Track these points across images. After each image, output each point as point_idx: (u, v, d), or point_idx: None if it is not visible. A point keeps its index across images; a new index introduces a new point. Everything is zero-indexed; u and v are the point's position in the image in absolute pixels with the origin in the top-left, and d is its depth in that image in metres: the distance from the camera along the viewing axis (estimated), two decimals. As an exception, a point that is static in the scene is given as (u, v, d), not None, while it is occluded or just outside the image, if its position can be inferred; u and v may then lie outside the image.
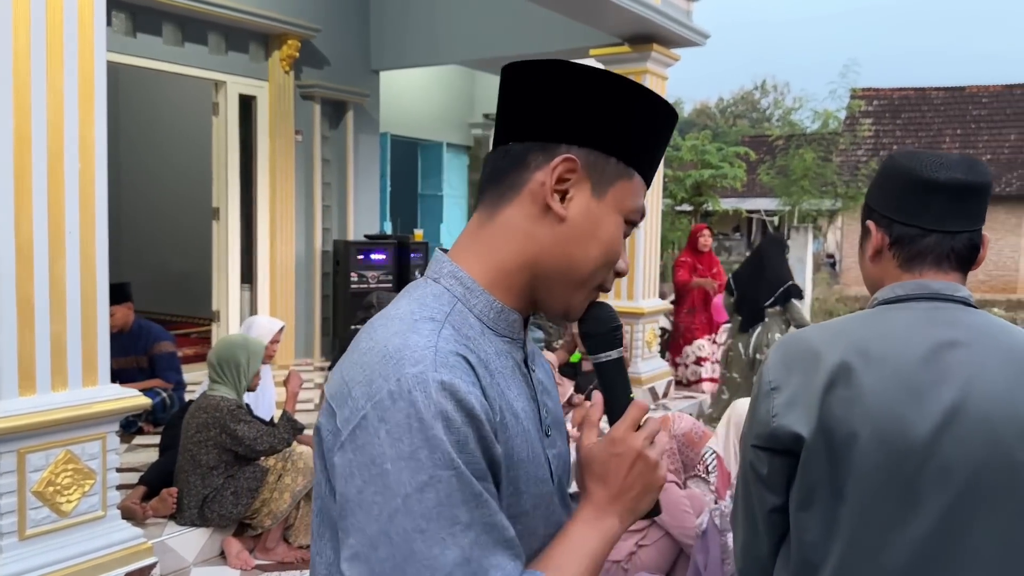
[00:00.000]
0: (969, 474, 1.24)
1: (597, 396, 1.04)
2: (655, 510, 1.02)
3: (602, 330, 1.04)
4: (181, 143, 9.64)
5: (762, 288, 6.23)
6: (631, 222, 1.02)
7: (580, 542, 0.94)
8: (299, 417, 4.18)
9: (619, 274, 1.04)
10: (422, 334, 0.88)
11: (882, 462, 1.26)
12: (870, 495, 1.26)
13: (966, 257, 1.37)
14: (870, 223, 1.43)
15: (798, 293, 6.28)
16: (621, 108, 0.99)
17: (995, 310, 12.64)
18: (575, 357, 5.87)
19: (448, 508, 0.80)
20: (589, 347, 1.05)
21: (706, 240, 7.77)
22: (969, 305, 1.35)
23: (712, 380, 7.46)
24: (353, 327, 5.53)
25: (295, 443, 4.18)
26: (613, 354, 1.04)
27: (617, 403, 1.02)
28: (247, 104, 7.00)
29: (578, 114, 0.97)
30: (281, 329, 4.99)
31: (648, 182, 1.04)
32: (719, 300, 7.32)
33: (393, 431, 0.81)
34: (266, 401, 4.77)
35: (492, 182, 1.00)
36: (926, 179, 1.35)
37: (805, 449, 1.28)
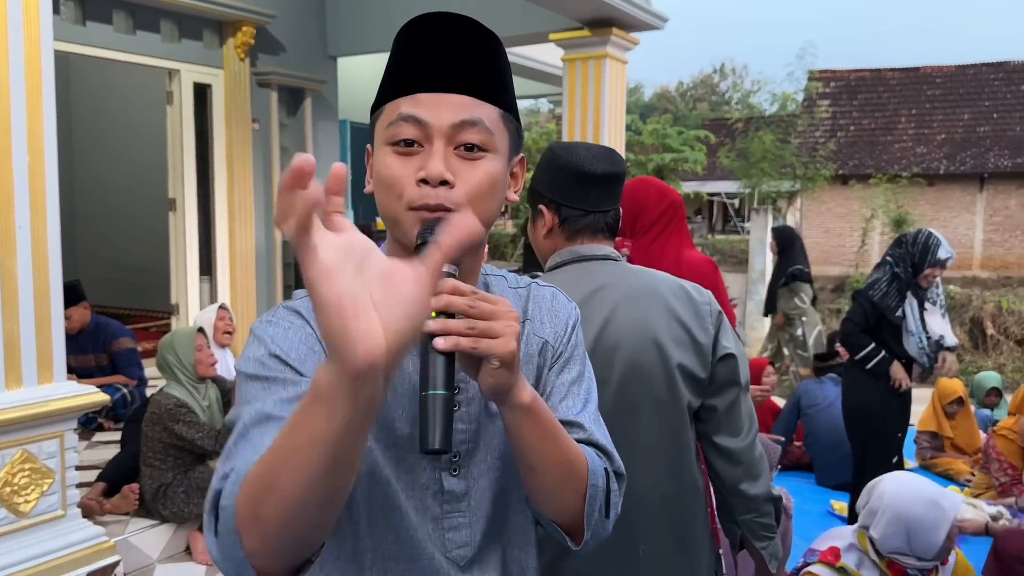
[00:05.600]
0: (617, 384, 1.67)
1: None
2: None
3: (421, 239, 0.97)
4: (135, 133, 9.44)
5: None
6: (399, 139, 1.01)
7: None
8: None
9: (428, 181, 1.00)
10: (297, 293, 1.08)
11: None
12: None
13: (614, 226, 1.83)
14: (542, 207, 1.81)
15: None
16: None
17: (951, 287, 12.89)
18: None
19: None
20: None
21: None
22: (611, 259, 1.78)
23: None
24: None
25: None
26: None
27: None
28: (202, 92, 6.87)
29: None
30: (220, 306, 5.04)
31: (415, 87, 1.03)
32: None
33: None
34: (231, 388, 4.75)
35: None
36: (587, 171, 1.75)
37: None
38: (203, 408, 4.02)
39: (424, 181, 0.99)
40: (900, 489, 2.74)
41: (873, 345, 4.27)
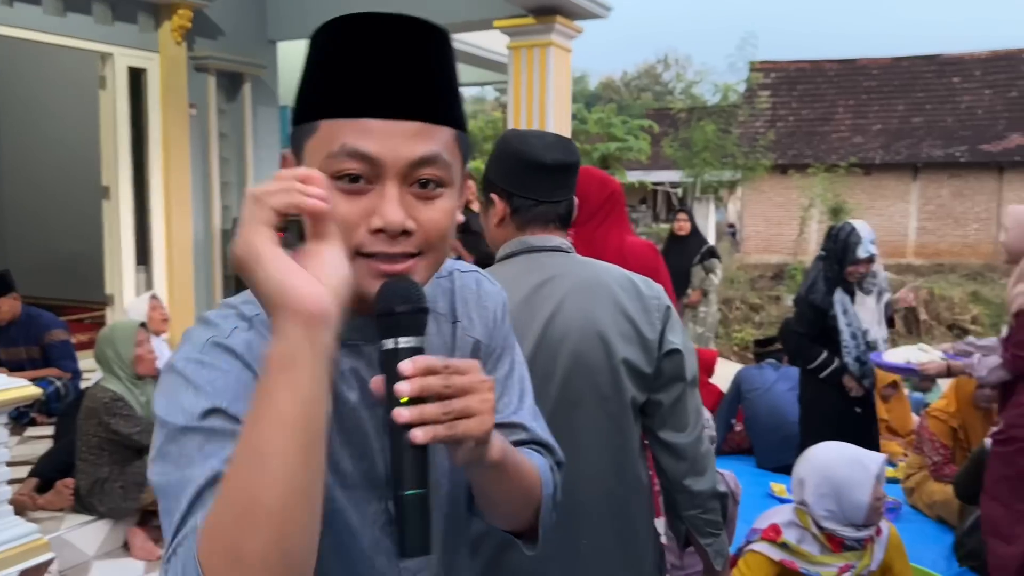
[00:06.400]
0: (561, 377, 1.66)
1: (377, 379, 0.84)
2: None
3: (379, 311, 0.84)
4: (67, 119, 9.15)
5: None
6: (343, 174, 0.86)
7: None
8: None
9: (384, 231, 0.86)
10: (217, 322, 0.92)
11: None
12: None
13: (566, 217, 1.80)
14: (493, 196, 1.78)
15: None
16: (305, 68, 0.92)
17: (886, 274, 13.21)
18: None
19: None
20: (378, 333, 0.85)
21: None
22: (561, 251, 1.76)
23: None
24: None
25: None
26: (389, 343, 0.83)
27: (392, 404, 0.80)
28: (137, 77, 6.68)
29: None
30: (152, 297, 4.99)
31: (359, 110, 0.86)
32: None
33: None
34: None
35: None
36: (538, 161, 1.72)
37: None
38: (140, 403, 3.92)
39: (380, 230, 0.86)
40: (824, 453, 2.91)
41: (825, 354, 4.19)
